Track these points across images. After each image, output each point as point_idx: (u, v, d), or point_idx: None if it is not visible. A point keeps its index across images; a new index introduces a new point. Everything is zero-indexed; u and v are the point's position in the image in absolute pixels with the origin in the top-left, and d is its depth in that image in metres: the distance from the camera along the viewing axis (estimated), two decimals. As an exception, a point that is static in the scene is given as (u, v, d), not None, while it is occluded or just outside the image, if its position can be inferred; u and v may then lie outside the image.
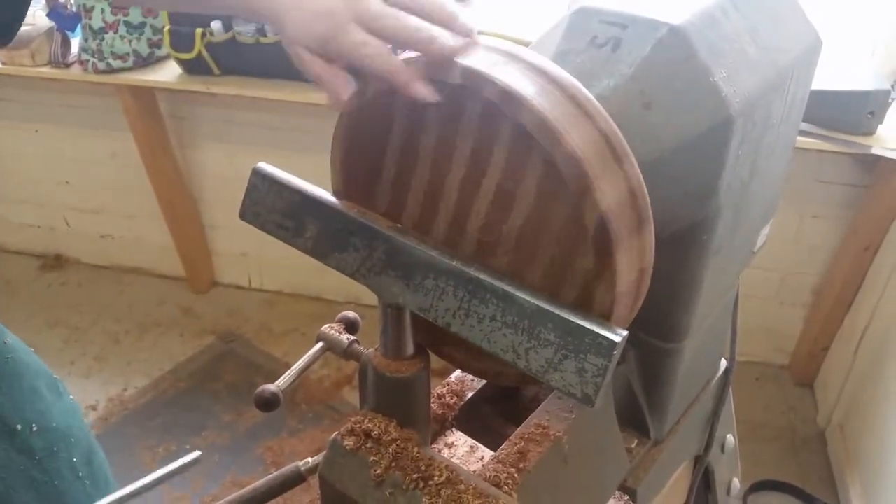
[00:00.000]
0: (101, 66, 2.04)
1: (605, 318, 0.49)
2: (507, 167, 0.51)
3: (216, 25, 1.87)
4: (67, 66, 2.16)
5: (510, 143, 0.50)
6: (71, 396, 0.85)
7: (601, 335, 0.44)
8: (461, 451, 0.73)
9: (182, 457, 0.64)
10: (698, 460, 0.93)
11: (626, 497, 0.76)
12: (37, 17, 2.25)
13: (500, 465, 0.60)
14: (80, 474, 0.78)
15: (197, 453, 0.65)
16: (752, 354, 2.37)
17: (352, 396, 2.29)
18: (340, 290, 2.66)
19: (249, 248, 2.68)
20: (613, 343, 0.44)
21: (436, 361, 0.62)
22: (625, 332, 0.45)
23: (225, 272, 2.79)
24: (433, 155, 0.55)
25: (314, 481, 0.66)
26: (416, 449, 0.59)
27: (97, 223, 2.84)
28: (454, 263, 0.50)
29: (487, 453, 0.73)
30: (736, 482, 1.04)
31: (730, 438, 0.98)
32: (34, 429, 0.76)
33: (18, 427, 0.74)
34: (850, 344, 2.06)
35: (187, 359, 2.44)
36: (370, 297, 0.56)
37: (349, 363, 2.36)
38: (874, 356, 1.91)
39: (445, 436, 0.75)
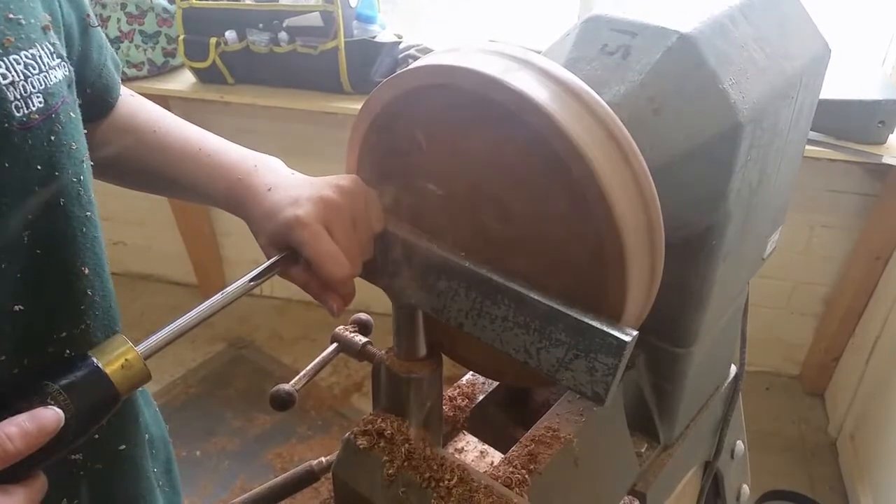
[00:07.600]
0: (117, 74, 2.07)
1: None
2: (535, 188, 0.50)
3: (230, 35, 1.89)
4: (83, 74, 2.19)
5: (546, 167, 0.49)
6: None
7: (612, 335, 0.45)
8: (471, 456, 0.74)
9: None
10: (708, 466, 0.93)
11: (636, 501, 0.76)
12: (54, 27, 2.28)
13: (510, 467, 0.60)
14: (161, 483, 0.76)
15: None
16: (763, 364, 2.36)
17: (361, 403, 2.29)
18: (350, 297, 2.67)
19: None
20: (624, 342, 0.45)
21: (447, 369, 0.63)
22: (635, 332, 0.45)
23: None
24: (458, 159, 0.54)
25: (322, 487, 0.67)
26: (428, 449, 0.59)
27: (109, 230, 2.86)
28: (466, 265, 0.51)
29: (497, 458, 0.73)
30: (745, 489, 1.04)
31: (739, 444, 0.98)
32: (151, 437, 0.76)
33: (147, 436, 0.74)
34: (861, 354, 2.05)
35: (198, 365, 2.45)
36: (380, 305, 0.57)
37: (358, 370, 2.38)
38: (886, 366, 1.90)
39: (455, 441, 0.75)
